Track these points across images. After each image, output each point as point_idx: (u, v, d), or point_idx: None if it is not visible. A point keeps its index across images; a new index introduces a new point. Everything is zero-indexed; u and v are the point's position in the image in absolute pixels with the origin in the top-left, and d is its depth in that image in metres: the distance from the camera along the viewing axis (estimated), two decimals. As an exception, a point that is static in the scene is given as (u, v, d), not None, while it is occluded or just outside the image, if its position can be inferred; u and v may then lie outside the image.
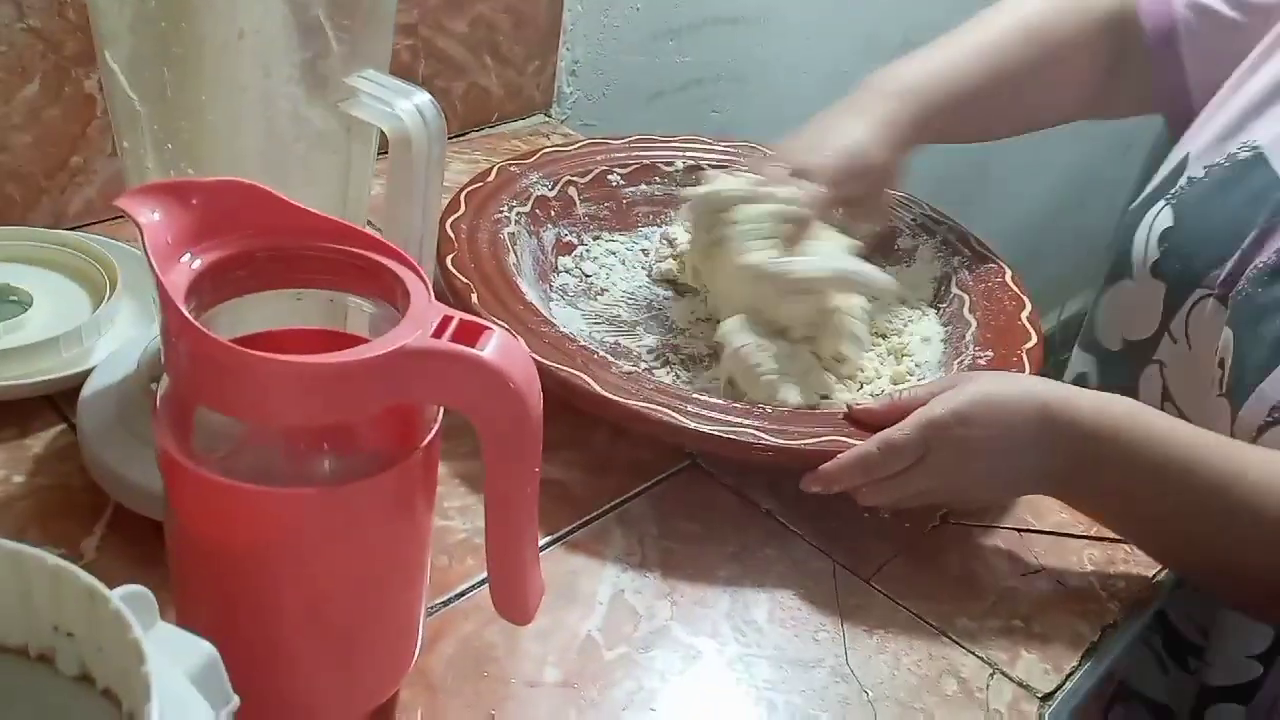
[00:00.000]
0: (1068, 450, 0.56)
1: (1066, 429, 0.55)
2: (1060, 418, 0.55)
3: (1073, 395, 0.57)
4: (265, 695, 0.42)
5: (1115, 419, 0.56)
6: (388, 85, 0.45)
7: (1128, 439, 0.55)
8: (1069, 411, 0.55)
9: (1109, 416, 0.56)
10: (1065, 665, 0.55)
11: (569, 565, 0.57)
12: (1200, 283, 0.68)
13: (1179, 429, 0.56)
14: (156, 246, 0.36)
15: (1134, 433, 0.55)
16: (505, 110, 1.03)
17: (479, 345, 0.37)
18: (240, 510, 0.38)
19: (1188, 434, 0.56)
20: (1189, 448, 0.55)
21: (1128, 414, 0.56)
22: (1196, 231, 0.70)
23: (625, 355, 0.71)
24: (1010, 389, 0.57)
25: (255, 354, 0.34)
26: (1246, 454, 0.55)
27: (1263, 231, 0.65)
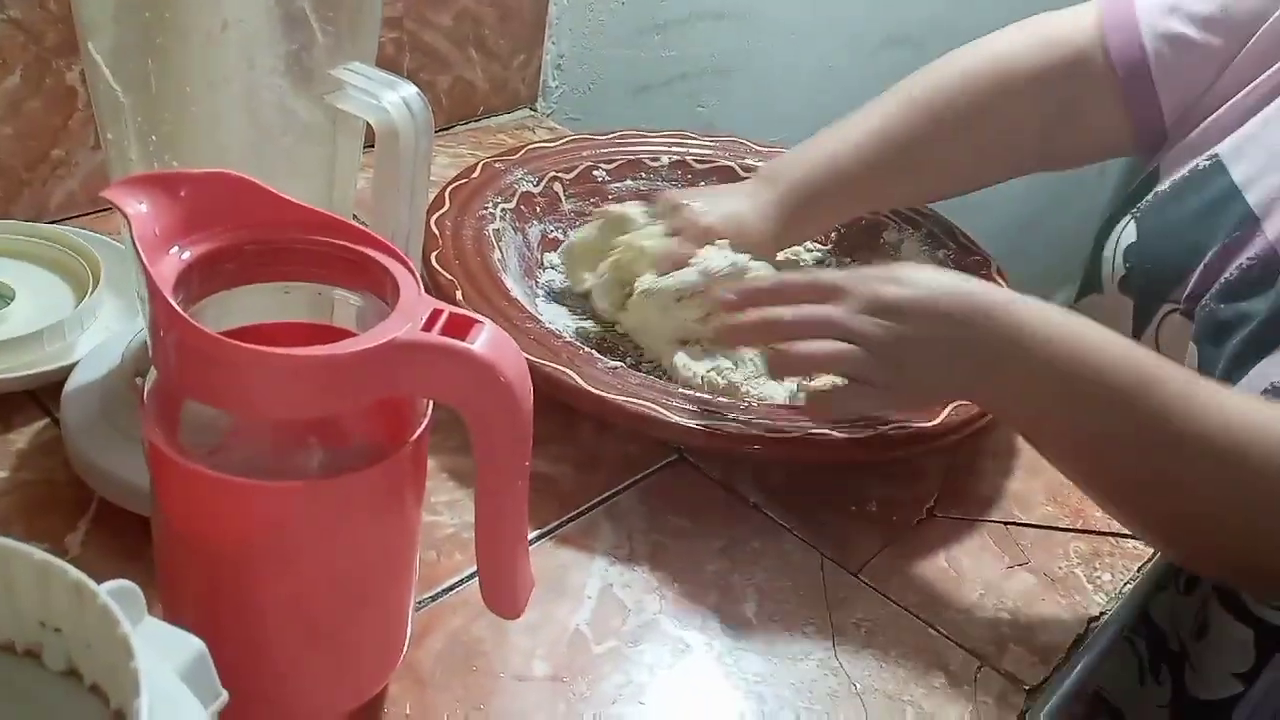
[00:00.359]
0: (994, 330, 0.54)
1: (997, 309, 0.54)
2: (990, 300, 0.54)
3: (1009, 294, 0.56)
4: (253, 690, 0.42)
5: (1049, 316, 0.54)
6: (374, 78, 0.45)
7: (1060, 335, 0.53)
8: (1001, 299, 0.54)
9: (1042, 312, 0.54)
10: (1052, 657, 0.55)
11: (558, 559, 0.56)
12: (1167, 297, 0.68)
13: (1122, 343, 0.53)
14: (144, 238, 0.36)
15: (1073, 335, 0.53)
16: (490, 104, 1.03)
17: (469, 338, 0.37)
18: (227, 504, 0.38)
19: (1134, 351, 0.53)
20: (1139, 365, 0.52)
21: (1063, 315, 0.54)
22: (1158, 246, 0.69)
23: (611, 351, 0.71)
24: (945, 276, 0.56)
25: (244, 346, 0.34)
26: (1200, 383, 0.53)
27: (1226, 247, 0.64)
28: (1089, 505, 0.66)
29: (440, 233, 0.70)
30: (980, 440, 0.69)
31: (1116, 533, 0.64)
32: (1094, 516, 0.65)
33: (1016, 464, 0.68)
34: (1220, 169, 0.66)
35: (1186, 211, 0.67)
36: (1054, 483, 0.67)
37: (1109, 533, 0.64)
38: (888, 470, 0.66)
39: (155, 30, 0.43)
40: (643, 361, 0.70)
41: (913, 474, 0.66)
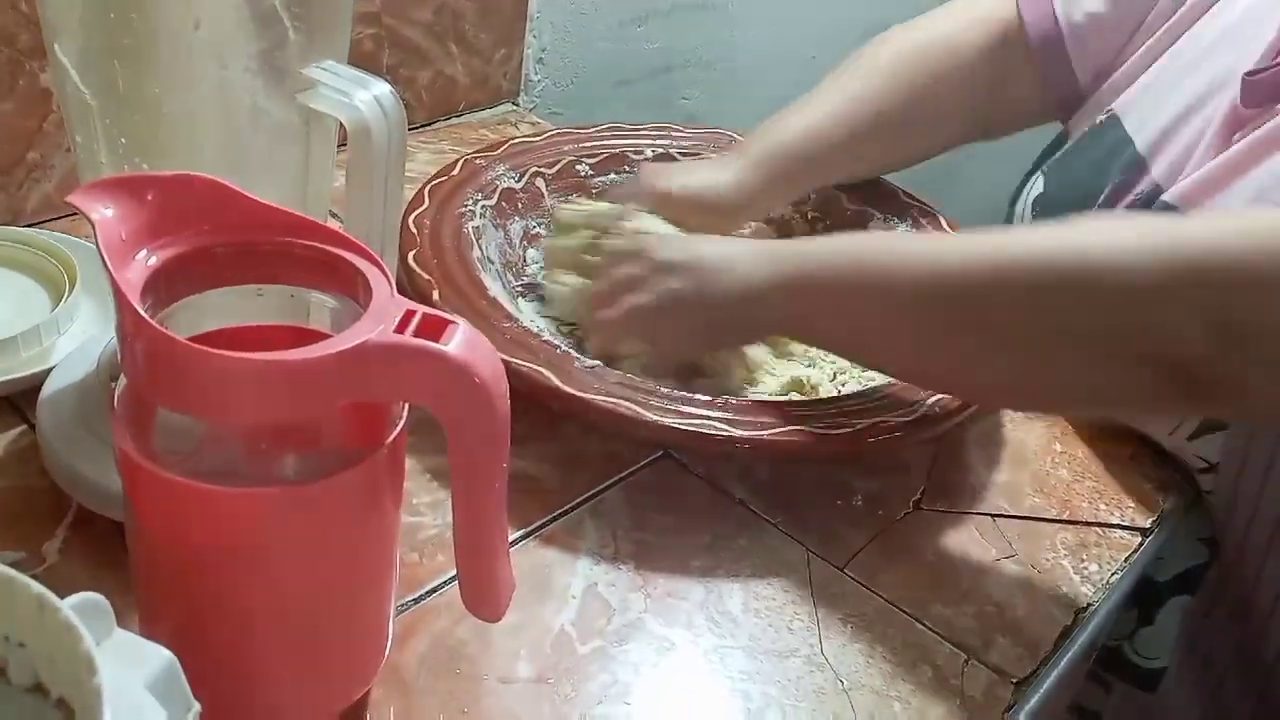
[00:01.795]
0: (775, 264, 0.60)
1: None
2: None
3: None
4: (232, 698, 0.41)
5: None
6: (346, 76, 0.44)
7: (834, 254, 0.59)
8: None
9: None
10: (1039, 650, 0.55)
11: (542, 559, 0.56)
12: None
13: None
14: (110, 243, 0.36)
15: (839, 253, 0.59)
16: (472, 99, 1.02)
17: (443, 340, 0.36)
18: (202, 511, 0.37)
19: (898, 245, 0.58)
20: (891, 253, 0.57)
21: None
22: (1061, 194, 0.74)
23: None
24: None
25: (213, 352, 0.34)
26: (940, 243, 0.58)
27: (1115, 188, 0.69)
28: (1076, 496, 0.66)
29: (418, 231, 0.70)
30: (966, 432, 0.69)
31: (1103, 523, 0.64)
32: (1081, 507, 0.65)
33: (1003, 456, 0.68)
34: (1115, 122, 0.71)
35: (1086, 162, 0.72)
36: (1040, 474, 0.67)
37: (1096, 523, 0.64)
38: (873, 464, 0.65)
39: (123, 31, 0.43)
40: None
41: (898, 467, 0.66)
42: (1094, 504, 0.65)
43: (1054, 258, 0.52)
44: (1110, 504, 0.66)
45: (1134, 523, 0.65)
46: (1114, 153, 0.70)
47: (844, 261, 0.58)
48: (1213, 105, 0.64)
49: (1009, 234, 0.56)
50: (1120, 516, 0.65)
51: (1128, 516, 0.65)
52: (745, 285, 0.60)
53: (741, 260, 0.61)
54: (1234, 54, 0.64)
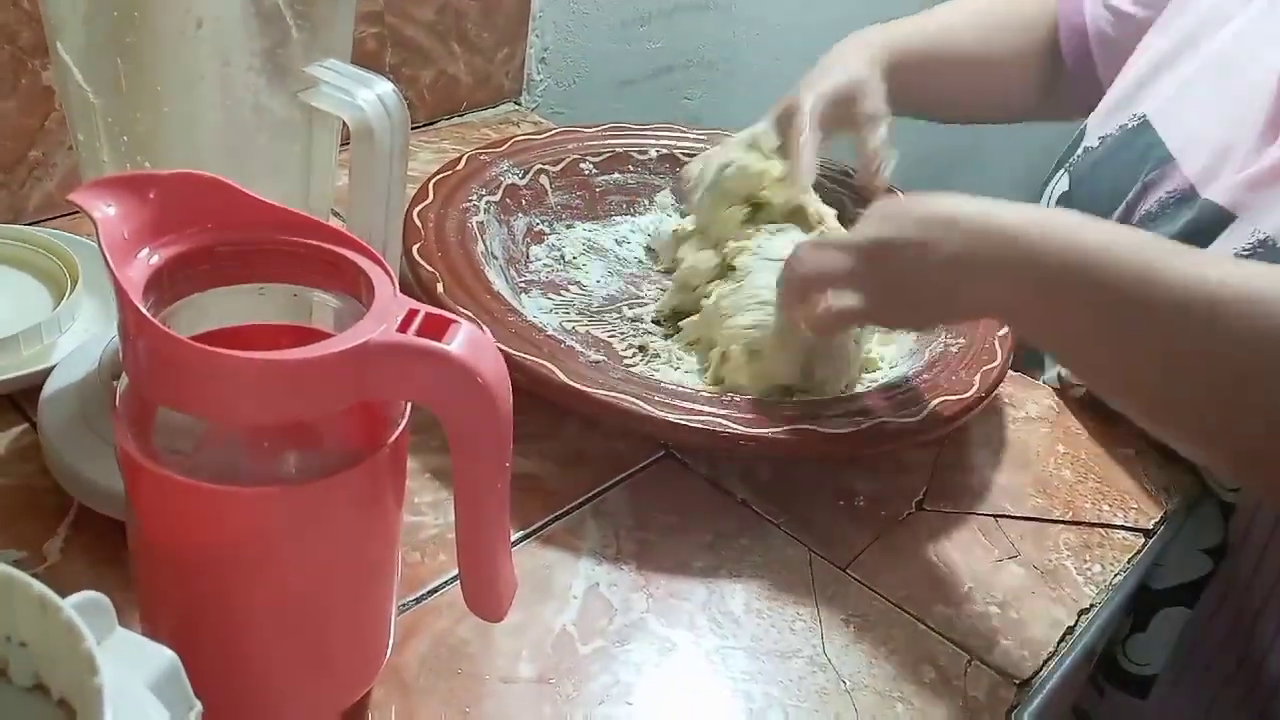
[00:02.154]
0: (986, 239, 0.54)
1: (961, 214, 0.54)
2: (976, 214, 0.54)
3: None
4: (233, 698, 0.41)
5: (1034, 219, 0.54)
6: (348, 74, 0.44)
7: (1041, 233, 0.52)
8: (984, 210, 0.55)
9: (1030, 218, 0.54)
10: (1042, 651, 0.55)
11: (543, 559, 0.56)
12: None
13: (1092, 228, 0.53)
14: (112, 242, 0.35)
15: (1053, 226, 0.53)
16: (474, 99, 1.02)
17: (446, 339, 0.36)
18: (203, 510, 0.37)
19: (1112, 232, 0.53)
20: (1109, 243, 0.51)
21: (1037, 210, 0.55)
22: (1089, 192, 0.74)
23: (596, 345, 0.70)
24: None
25: (215, 351, 0.34)
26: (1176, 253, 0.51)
27: (1145, 185, 0.69)
28: (1079, 496, 0.66)
29: (423, 225, 0.70)
30: (969, 433, 0.69)
31: (1106, 524, 0.64)
32: (1084, 508, 0.65)
33: (1005, 457, 0.68)
34: (1146, 126, 0.72)
35: (1116, 163, 0.73)
36: (1043, 475, 0.67)
37: (1099, 524, 0.64)
38: (876, 464, 0.65)
39: (125, 29, 0.43)
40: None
41: (901, 468, 0.66)
42: (1097, 505, 0.65)
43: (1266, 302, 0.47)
44: (1114, 505, 0.65)
45: (1137, 524, 0.64)
46: (1144, 155, 0.70)
47: (1068, 259, 0.51)
48: (1251, 104, 0.64)
49: (1226, 262, 0.52)
50: (1124, 518, 0.65)
51: (1131, 518, 0.65)
52: (957, 270, 0.54)
53: (952, 235, 0.54)
54: (1273, 52, 0.65)
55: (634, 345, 0.71)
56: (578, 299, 0.75)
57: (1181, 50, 0.72)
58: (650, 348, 0.71)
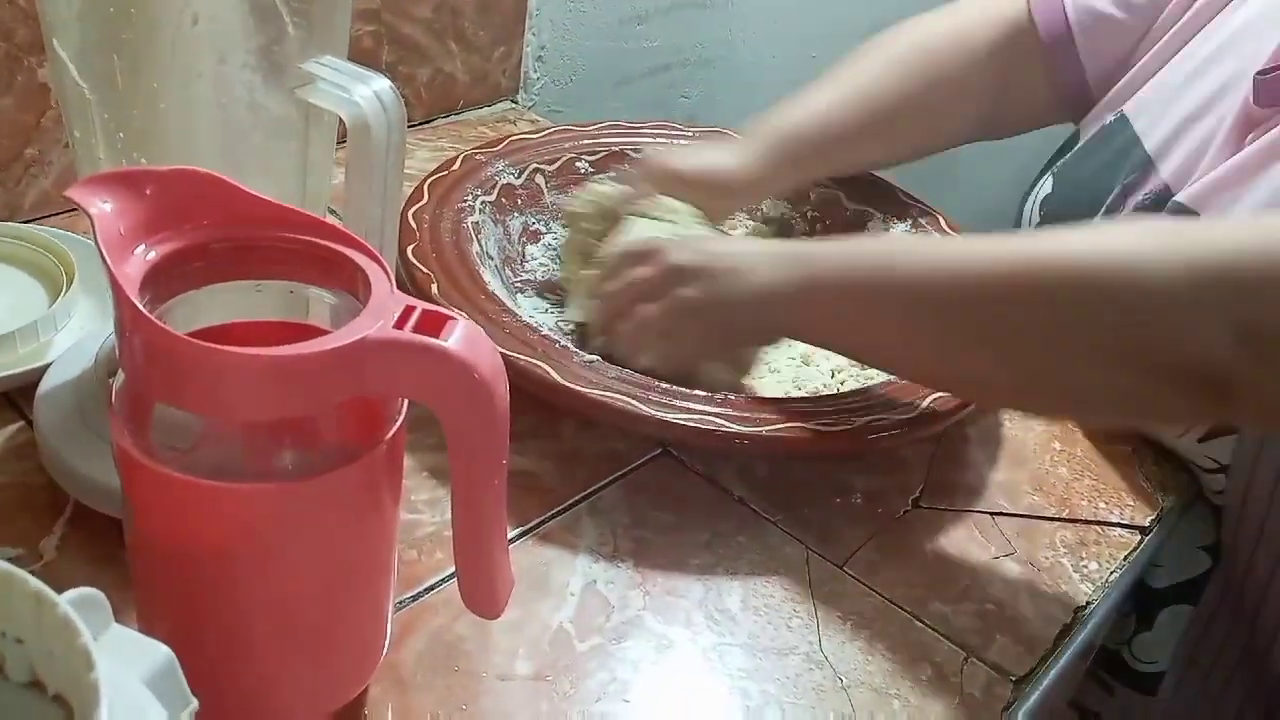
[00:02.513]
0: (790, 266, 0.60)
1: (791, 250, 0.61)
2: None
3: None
4: (230, 694, 0.41)
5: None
6: (345, 71, 0.44)
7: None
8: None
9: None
10: (1039, 648, 0.55)
11: (540, 556, 0.56)
12: None
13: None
14: (108, 238, 0.35)
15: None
16: (471, 97, 1.02)
17: (443, 335, 0.36)
18: (200, 507, 0.37)
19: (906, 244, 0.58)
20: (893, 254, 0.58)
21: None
22: (1069, 194, 0.74)
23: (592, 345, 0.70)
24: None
25: (212, 347, 0.33)
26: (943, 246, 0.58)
27: (1125, 187, 0.69)
28: (1075, 494, 0.66)
29: (418, 226, 0.70)
30: (965, 430, 0.69)
31: (1103, 521, 0.64)
32: (1080, 505, 0.65)
33: (1001, 454, 0.68)
34: (1125, 123, 0.71)
35: (1095, 163, 0.72)
36: (1039, 472, 0.67)
37: (1095, 521, 0.64)
38: (872, 462, 0.65)
39: (121, 26, 0.43)
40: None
41: (897, 465, 0.66)
42: (1093, 502, 0.65)
43: (1077, 266, 0.51)
44: (1110, 502, 0.66)
45: (1133, 521, 0.65)
46: (1123, 154, 0.70)
47: (863, 267, 0.58)
48: (1224, 106, 0.64)
49: (1029, 241, 0.56)
50: (1120, 515, 0.65)
51: (1127, 515, 0.65)
52: (762, 288, 0.60)
53: (758, 262, 0.61)
54: (1245, 54, 0.65)
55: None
56: None
57: (1165, 53, 0.72)
58: None
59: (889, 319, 0.58)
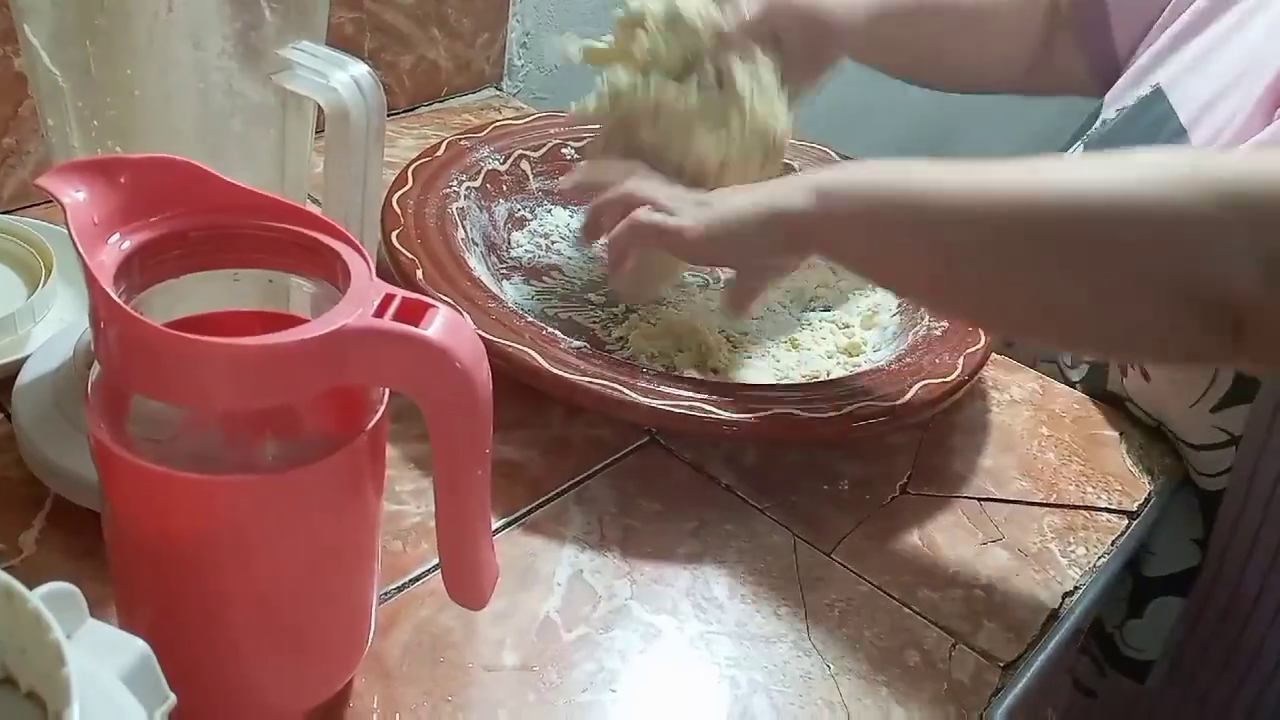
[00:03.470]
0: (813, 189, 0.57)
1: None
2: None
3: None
4: (211, 688, 0.41)
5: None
6: (323, 57, 0.43)
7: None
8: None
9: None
10: (1026, 634, 0.55)
11: (527, 546, 0.56)
12: None
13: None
14: (82, 227, 0.35)
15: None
16: (455, 84, 1.01)
17: (423, 324, 0.36)
18: (179, 500, 0.37)
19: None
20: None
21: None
22: None
23: (578, 331, 0.70)
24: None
25: (188, 337, 0.33)
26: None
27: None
28: (1063, 479, 0.66)
29: (402, 211, 0.69)
30: (953, 416, 0.69)
31: (1090, 506, 0.64)
32: (1068, 490, 0.65)
33: (989, 440, 0.68)
34: (1160, 96, 0.70)
35: (1130, 135, 0.72)
36: (1027, 458, 0.67)
37: (1082, 506, 0.64)
38: (860, 449, 0.65)
39: (94, 11, 0.42)
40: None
41: (885, 452, 0.65)
42: (1081, 487, 0.65)
43: (1103, 191, 0.49)
44: (1097, 487, 0.65)
45: (1121, 505, 0.64)
46: (1158, 126, 0.69)
47: (884, 179, 0.56)
48: (1254, 77, 0.64)
49: (1056, 163, 0.54)
50: (1107, 500, 0.65)
51: (1115, 500, 0.65)
52: (776, 192, 0.58)
53: (773, 183, 0.60)
54: (1276, 27, 0.64)
55: (616, 332, 0.71)
56: (559, 285, 0.75)
57: (1200, 24, 0.71)
58: (631, 336, 0.70)
59: (903, 234, 0.55)
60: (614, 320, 0.72)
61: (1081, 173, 0.52)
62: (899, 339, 0.69)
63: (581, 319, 0.71)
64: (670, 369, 0.66)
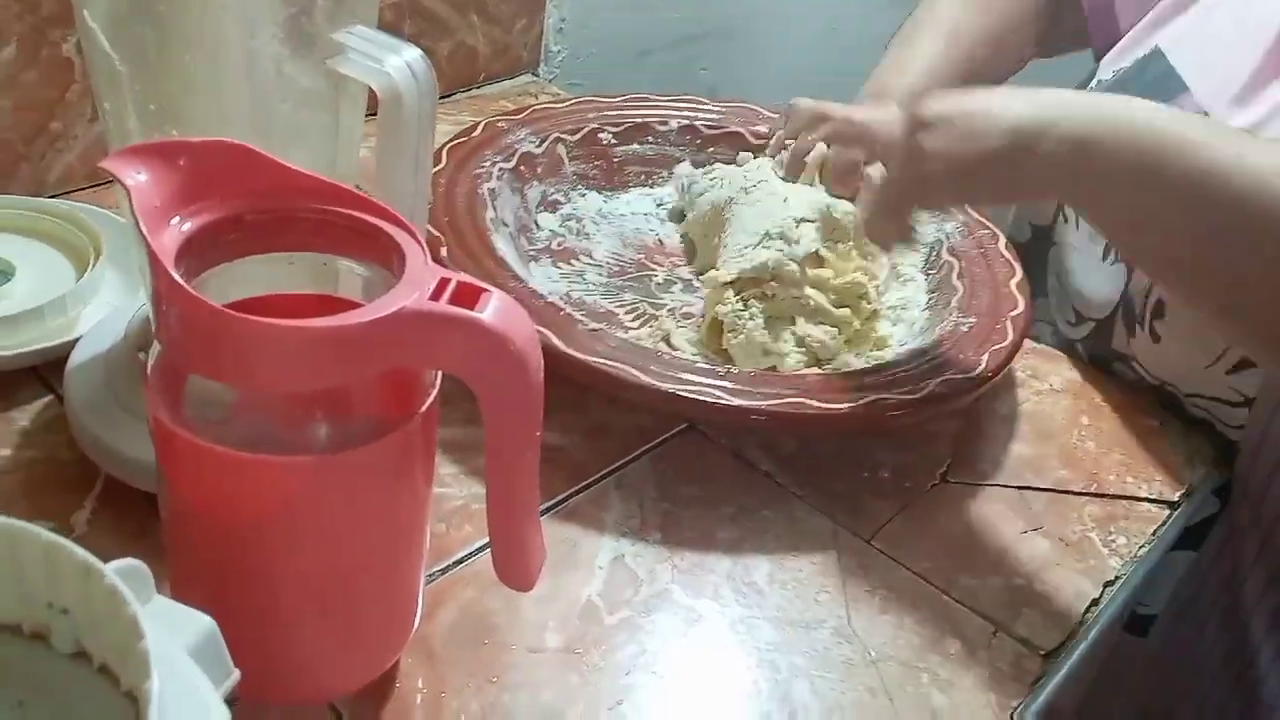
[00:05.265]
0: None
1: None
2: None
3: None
4: (264, 666, 0.41)
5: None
6: (376, 41, 0.43)
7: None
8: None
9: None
10: (1068, 623, 0.55)
11: (568, 531, 0.56)
12: None
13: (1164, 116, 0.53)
14: (145, 209, 0.35)
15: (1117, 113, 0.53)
16: (492, 70, 1.01)
17: (478, 307, 0.36)
18: (236, 479, 0.37)
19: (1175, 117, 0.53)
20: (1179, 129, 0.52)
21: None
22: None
23: (603, 316, 0.70)
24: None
25: (249, 319, 0.33)
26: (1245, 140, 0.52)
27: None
28: (1103, 468, 0.65)
29: (433, 190, 0.69)
30: (993, 405, 0.69)
31: (1131, 496, 0.64)
32: (1108, 480, 0.65)
33: (1029, 428, 0.68)
34: (1159, 56, 0.71)
35: (1126, 93, 0.70)
36: (1067, 446, 0.67)
37: (1123, 496, 0.64)
38: (899, 436, 0.65)
39: (152, -2, 0.42)
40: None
41: (925, 440, 0.65)
42: (1121, 477, 0.65)
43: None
44: (1138, 477, 0.65)
45: (1162, 495, 0.64)
46: (1158, 85, 0.69)
47: (1128, 132, 0.52)
48: (1256, 35, 0.64)
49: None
50: (1148, 490, 0.64)
51: (1155, 490, 0.65)
52: (1017, 127, 0.54)
53: (1011, 102, 0.56)
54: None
55: (642, 317, 0.71)
56: (589, 269, 0.75)
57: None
58: (660, 320, 0.70)
59: (1119, 185, 0.53)
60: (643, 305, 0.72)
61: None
62: (925, 334, 0.68)
63: (609, 304, 0.71)
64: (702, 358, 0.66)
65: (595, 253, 0.77)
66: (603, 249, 0.77)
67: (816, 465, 0.62)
